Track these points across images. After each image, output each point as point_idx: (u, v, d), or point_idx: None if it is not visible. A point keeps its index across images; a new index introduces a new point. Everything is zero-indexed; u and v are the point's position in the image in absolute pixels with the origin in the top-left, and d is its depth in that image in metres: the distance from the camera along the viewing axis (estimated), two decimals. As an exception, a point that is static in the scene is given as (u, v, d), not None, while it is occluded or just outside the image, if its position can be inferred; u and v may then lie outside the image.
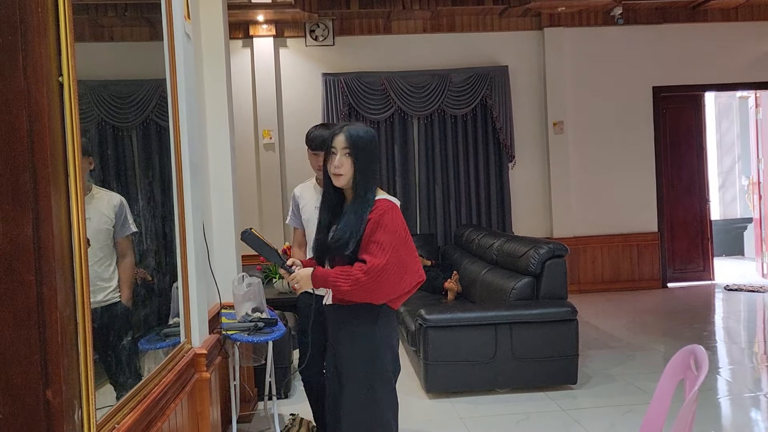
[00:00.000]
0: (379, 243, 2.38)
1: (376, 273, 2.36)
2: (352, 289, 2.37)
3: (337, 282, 2.40)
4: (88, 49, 1.79)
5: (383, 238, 2.38)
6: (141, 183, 2.33)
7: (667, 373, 2.15)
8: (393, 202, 2.50)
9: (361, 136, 2.48)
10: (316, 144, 3.29)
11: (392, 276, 2.39)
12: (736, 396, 4.38)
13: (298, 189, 3.57)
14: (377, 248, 2.37)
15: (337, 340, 2.56)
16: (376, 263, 2.36)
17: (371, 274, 2.36)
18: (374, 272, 2.36)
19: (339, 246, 2.43)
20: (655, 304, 7.30)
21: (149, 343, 2.30)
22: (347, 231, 2.42)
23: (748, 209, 10.30)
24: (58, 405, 1.37)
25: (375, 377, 2.47)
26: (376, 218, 2.41)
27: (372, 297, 2.41)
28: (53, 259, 1.36)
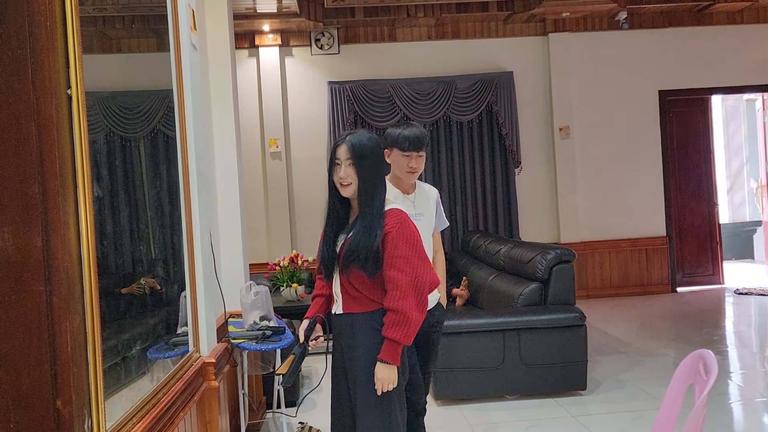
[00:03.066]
0: (403, 257, 2.39)
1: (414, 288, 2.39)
2: (413, 323, 2.39)
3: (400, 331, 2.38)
4: (96, 61, 1.81)
5: (404, 250, 2.40)
6: (149, 193, 2.34)
7: (676, 378, 2.14)
8: (403, 210, 2.51)
9: (365, 145, 2.46)
10: (409, 144, 3.00)
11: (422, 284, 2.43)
12: (748, 401, 4.35)
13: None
14: (402, 262, 2.39)
15: (350, 346, 2.52)
16: (405, 280, 2.38)
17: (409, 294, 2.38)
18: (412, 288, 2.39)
19: (352, 258, 2.41)
20: (665, 308, 7.26)
21: (158, 353, 2.30)
22: (359, 242, 2.40)
23: (757, 212, 10.24)
24: (68, 414, 1.38)
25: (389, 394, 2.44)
26: (395, 231, 2.41)
27: (422, 306, 2.43)
28: (62, 269, 1.38)
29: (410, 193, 3.10)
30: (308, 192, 7.46)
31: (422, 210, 3.09)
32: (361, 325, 2.48)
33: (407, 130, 3.03)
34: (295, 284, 5.79)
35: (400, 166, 3.03)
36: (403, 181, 3.07)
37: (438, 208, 3.19)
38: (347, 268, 2.44)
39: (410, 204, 3.05)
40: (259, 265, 6.31)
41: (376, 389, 2.40)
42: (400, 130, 3.05)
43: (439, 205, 3.20)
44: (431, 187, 3.24)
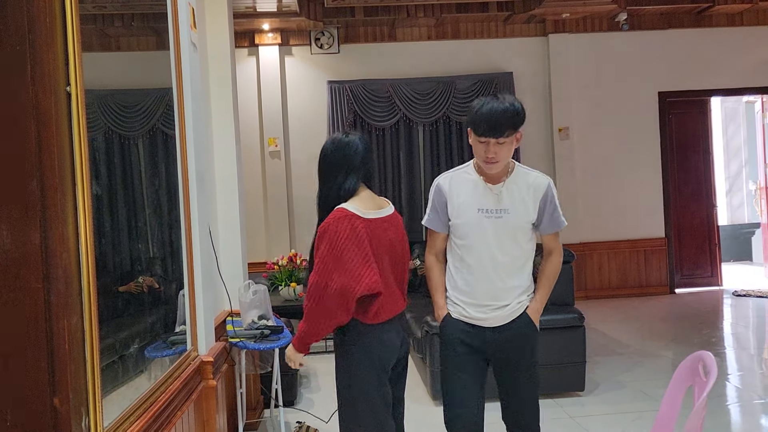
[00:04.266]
0: (321, 258, 2.31)
1: (316, 290, 2.29)
2: (309, 323, 2.33)
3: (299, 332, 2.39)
4: (95, 59, 1.80)
5: (322, 248, 2.32)
6: (147, 191, 2.34)
7: (676, 379, 2.14)
8: (348, 210, 2.36)
9: (322, 149, 2.52)
10: (486, 127, 2.41)
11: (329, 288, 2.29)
12: (746, 402, 4.35)
13: (446, 181, 2.59)
14: (318, 262, 2.31)
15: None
16: (320, 281, 2.28)
17: (311, 295, 2.31)
18: (314, 290, 2.29)
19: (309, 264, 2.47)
20: (663, 310, 7.26)
21: (156, 351, 2.30)
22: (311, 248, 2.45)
23: (755, 214, 10.25)
24: (66, 413, 1.37)
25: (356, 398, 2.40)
26: (321, 230, 2.36)
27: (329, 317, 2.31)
28: (61, 266, 1.37)
29: (497, 184, 2.49)
30: (307, 191, 7.44)
31: (509, 205, 2.47)
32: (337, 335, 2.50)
33: (487, 106, 2.41)
34: (294, 284, 5.78)
35: (477, 153, 2.47)
36: (484, 170, 2.49)
37: (545, 205, 2.53)
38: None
39: (494, 198, 2.48)
40: (257, 264, 6.29)
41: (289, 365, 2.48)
42: (480, 104, 2.44)
43: (547, 201, 2.53)
44: (540, 176, 2.55)
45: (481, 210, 2.48)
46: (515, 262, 2.53)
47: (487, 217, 2.47)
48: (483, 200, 2.48)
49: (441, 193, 2.56)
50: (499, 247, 2.49)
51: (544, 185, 2.55)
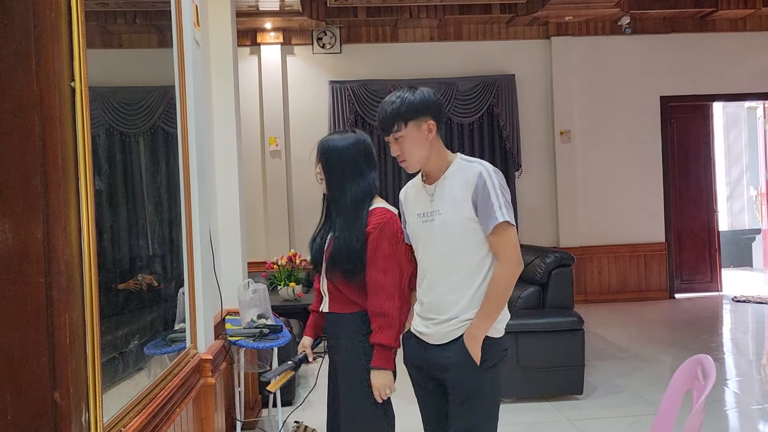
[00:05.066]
0: (385, 255, 2.36)
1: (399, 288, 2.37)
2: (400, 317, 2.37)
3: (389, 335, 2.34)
4: (97, 55, 1.81)
5: (386, 248, 2.37)
6: (148, 189, 2.34)
7: (674, 383, 2.14)
8: (391, 210, 2.47)
9: (332, 144, 2.49)
10: (379, 125, 2.29)
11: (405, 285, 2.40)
12: (744, 408, 4.35)
13: (404, 190, 2.44)
14: (385, 261, 2.36)
15: (333, 348, 2.55)
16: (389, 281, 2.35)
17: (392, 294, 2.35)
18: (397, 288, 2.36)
19: (337, 261, 2.42)
20: (663, 314, 7.26)
21: (155, 348, 2.30)
22: (342, 246, 2.41)
23: (756, 220, 10.26)
24: (66, 407, 1.37)
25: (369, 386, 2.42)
26: (376, 231, 2.38)
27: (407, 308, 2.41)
28: (63, 261, 1.37)
29: (432, 183, 2.22)
30: (307, 191, 7.45)
31: (439, 206, 2.17)
32: (343, 326, 2.50)
33: (382, 104, 2.23)
34: (293, 283, 5.78)
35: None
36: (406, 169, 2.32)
37: (477, 197, 2.09)
38: (331, 270, 2.46)
39: (427, 199, 2.21)
40: (257, 263, 6.30)
41: (375, 397, 2.37)
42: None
43: (479, 192, 2.08)
44: (475, 165, 2.15)
45: (419, 214, 2.23)
46: (459, 271, 2.13)
47: (423, 222, 2.21)
48: (420, 204, 2.24)
49: (400, 203, 2.43)
50: (437, 254, 2.17)
51: (474, 174, 2.10)
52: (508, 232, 2.07)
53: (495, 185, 2.08)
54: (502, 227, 2.05)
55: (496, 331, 2.15)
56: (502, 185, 2.11)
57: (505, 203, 2.07)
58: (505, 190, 2.10)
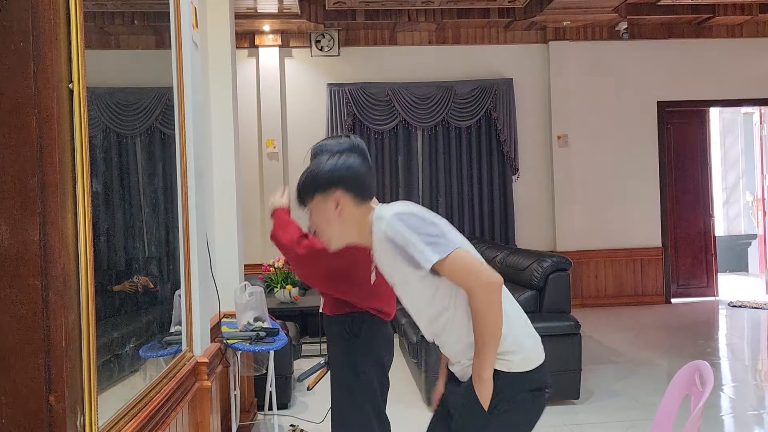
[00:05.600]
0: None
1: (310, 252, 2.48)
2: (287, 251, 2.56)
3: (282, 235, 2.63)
4: (94, 56, 1.80)
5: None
6: (144, 190, 2.33)
7: (672, 388, 2.14)
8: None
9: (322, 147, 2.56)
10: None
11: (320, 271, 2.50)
12: (740, 414, 4.35)
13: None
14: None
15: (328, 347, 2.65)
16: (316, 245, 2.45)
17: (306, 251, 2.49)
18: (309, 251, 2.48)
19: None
20: (659, 319, 7.26)
21: (151, 351, 2.29)
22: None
23: (752, 225, 10.28)
24: (61, 411, 1.36)
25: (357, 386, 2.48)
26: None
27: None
28: (59, 264, 1.36)
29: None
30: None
31: (379, 261, 2.02)
32: (333, 328, 2.56)
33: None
34: (289, 286, 5.77)
35: None
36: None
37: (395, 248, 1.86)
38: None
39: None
40: (253, 266, 6.28)
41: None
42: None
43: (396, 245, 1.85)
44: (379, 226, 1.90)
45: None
46: (440, 316, 1.91)
47: (390, 283, 2.05)
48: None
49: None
50: (415, 308, 1.99)
51: (383, 237, 1.87)
52: (449, 265, 1.79)
53: (404, 233, 1.82)
54: (440, 265, 1.79)
55: (509, 363, 1.83)
56: (413, 225, 1.83)
57: (426, 242, 1.80)
58: (419, 227, 1.83)
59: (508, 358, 1.83)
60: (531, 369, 1.85)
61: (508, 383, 1.82)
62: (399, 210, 1.89)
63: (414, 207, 1.94)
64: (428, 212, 1.93)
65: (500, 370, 1.82)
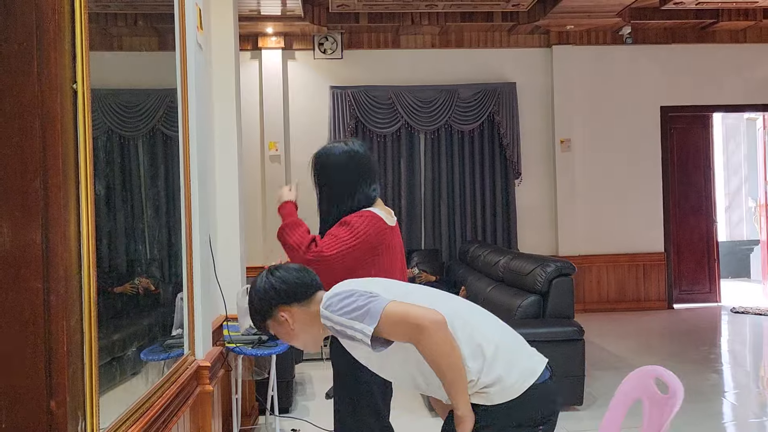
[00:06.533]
0: (335, 236, 2.38)
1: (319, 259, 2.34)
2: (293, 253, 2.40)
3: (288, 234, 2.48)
4: (97, 58, 1.78)
5: (342, 233, 2.38)
6: (146, 192, 2.31)
7: (621, 393, 2.13)
8: (376, 214, 2.47)
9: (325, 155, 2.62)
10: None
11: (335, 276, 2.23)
12: (742, 421, 4.32)
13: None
14: (331, 239, 2.38)
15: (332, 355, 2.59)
16: (325, 252, 2.35)
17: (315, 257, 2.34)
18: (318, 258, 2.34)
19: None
20: (661, 325, 7.24)
21: (152, 354, 2.27)
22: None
23: (755, 231, 10.25)
24: (62, 416, 1.34)
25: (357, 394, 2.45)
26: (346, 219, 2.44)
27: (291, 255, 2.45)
28: (61, 266, 1.35)
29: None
30: (306, 196, 7.38)
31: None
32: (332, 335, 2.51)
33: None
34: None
35: None
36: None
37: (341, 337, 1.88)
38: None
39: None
40: (255, 268, 6.26)
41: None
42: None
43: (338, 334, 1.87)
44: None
45: None
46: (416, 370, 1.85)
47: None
48: None
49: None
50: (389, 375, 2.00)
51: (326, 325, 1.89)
52: (385, 325, 1.74)
53: (336, 320, 1.81)
54: (378, 331, 1.75)
55: (487, 396, 1.76)
56: (341, 308, 1.80)
57: (356, 317, 1.77)
58: (346, 306, 1.79)
59: (486, 391, 1.76)
60: (513, 398, 1.76)
61: (489, 417, 1.76)
62: (326, 300, 1.85)
63: (342, 286, 1.87)
64: (357, 282, 1.89)
65: (479, 404, 1.76)
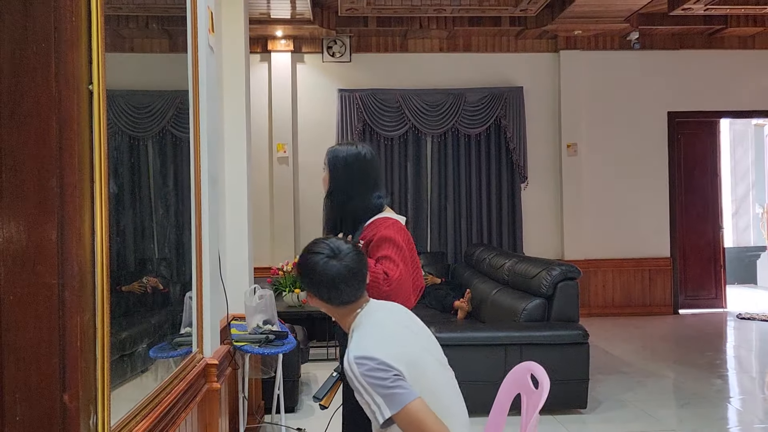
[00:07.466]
0: (389, 257, 2.46)
1: (393, 285, 2.44)
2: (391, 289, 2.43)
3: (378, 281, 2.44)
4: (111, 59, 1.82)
5: (391, 252, 2.47)
6: (156, 192, 2.34)
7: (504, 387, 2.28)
8: (397, 220, 2.58)
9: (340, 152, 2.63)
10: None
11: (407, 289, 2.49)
12: (747, 426, 4.32)
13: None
14: (388, 262, 2.46)
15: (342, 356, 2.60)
16: (393, 276, 2.44)
17: (391, 287, 2.43)
18: (393, 284, 2.44)
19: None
20: (667, 330, 7.23)
21: (161, 352, 2.30)
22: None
23: (761, 237, 10.22)
24: (75, 409, 1.37)
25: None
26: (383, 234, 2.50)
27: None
28: (76, 263, 1.37)
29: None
30: (314, 198, 7.45)
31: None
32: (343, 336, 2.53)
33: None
34: (298, 289, 5.78)
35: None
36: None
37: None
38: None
39: None
40: (262, 269, 6.30)
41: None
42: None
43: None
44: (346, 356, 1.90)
45: None
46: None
47: None
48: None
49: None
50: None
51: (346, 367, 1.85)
52: (399, 418, 1.72)
53: (360, 380, 1.77)
54: (396, 420, 1.73)
55: None
56: (367, 374, 1.76)
57: (379, 395, 1.74)
58: (375, 383, 1.75)
59: None
60: None
61: None
62: (360, 353, 1.81)
63: (378, 347, 1.82)
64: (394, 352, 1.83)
65: None
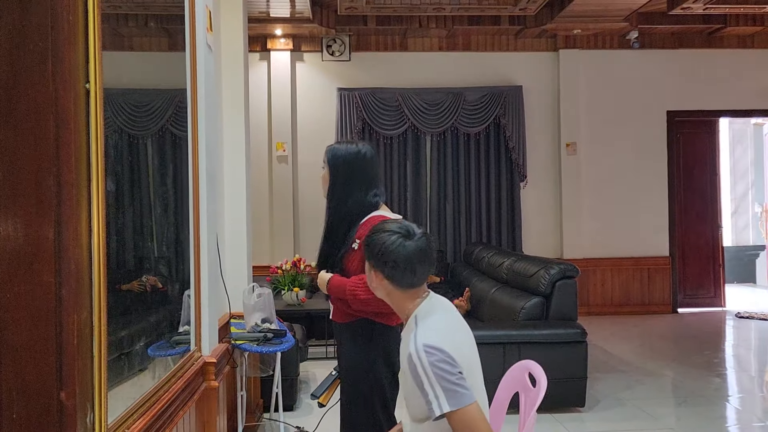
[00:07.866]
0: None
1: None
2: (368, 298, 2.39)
3: (356, 291, 2.42)
4: (109, 58, 1.82)
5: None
6: (155, 191, 2.35)
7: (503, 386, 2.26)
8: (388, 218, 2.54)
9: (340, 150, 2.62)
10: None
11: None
12: (746, 425, 4.33)
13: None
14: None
15: (339, 354, 2.65)
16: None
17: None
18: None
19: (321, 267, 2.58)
20: (665, 329, 7.23)
21: (159, 350, 2.30)
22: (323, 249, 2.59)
23: (760, 237, 10.23)
24: (72, 407, 1.38)
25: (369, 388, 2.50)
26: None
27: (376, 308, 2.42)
28: (73, 261, 1.38)
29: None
30: (313, 197, 7.46)
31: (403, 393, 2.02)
32: (344, 333, 2.57)
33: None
34: (297, 288, 5.79)
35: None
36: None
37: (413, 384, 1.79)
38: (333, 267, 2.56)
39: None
40: (261, 267, 6.31)
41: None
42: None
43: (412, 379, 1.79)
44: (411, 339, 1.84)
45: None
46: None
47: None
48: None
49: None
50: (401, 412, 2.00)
51: (405, 357, 1.82)
52: (454, 417, 1.72)
53: (427, 368, 1.74)
54: (450, 416, 1.72)
55: None
56: (435, 364, 1.74)
57: (442, 387, 1.72)
58: (442, 375, 1.73)
59: None
60: None
61: None
62: (431, 342, 1.78)
63: (446, 342, 1.79)
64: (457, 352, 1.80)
65: None
